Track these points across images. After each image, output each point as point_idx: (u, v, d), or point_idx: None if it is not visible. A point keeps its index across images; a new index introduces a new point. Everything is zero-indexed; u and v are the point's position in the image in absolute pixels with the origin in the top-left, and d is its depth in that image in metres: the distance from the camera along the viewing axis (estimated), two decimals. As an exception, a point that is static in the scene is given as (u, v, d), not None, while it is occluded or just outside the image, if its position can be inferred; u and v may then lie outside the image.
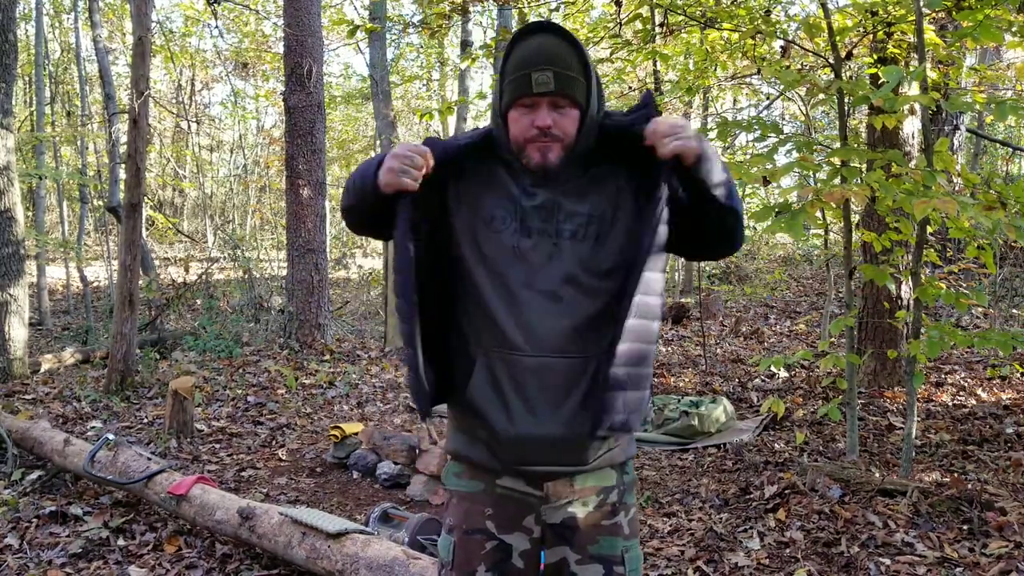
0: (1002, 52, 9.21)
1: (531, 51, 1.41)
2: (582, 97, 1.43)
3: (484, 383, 1.46)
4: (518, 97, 1.42)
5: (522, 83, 1.40)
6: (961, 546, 2.84)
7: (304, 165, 7.68)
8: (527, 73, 1.40)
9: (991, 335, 3.23)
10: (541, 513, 1.55)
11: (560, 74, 1.40)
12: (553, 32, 1.42)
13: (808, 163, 3.31)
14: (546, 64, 1.39)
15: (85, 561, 3.02)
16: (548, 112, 1.42)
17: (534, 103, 1.42)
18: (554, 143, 1.43)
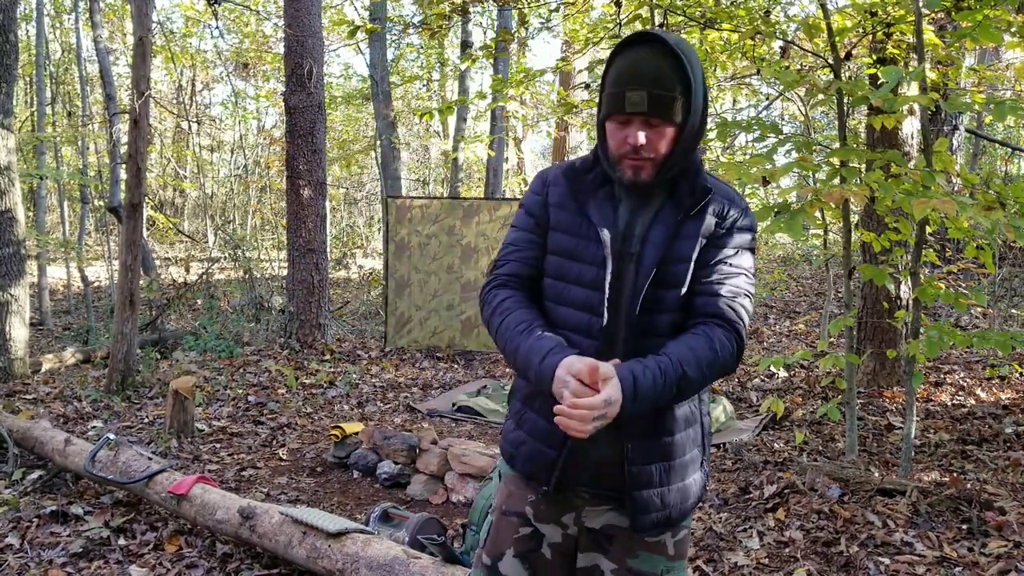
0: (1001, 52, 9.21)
1: (627, 67, 1.41)
2: (679, 115, 1.42)
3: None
4: (610, 113, 1.45)
5: (616, 101, 1.42)
6: (960, 545, 2.84)
7: (304, 165, 7.69)
8: (622, 92, 1.40)
9: (990, 335, 3.24)
10: (582, 514, 1.56)
11: (654, 95, 1.39)
12: (655, 44, 1.41)
13: (807, 163, 3.31)
14: (639, 84, 1.39)
15: (86, 560, 3.03)
16: (639, 128, 1.42)
17: (627, 120, 1.43)
18: (646, 162, 1.45)
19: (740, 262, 1.51)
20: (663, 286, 1.47)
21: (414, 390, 6.23)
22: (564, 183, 1.56)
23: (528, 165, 14.20)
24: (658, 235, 1.49)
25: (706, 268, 1.50)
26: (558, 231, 1.54)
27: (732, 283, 1.49)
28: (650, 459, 1.50)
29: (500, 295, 1.55)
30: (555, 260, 1.54)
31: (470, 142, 12.16)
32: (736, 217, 1.52)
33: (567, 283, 1.52)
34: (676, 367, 1.37)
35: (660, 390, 1.36)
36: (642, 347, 1.45)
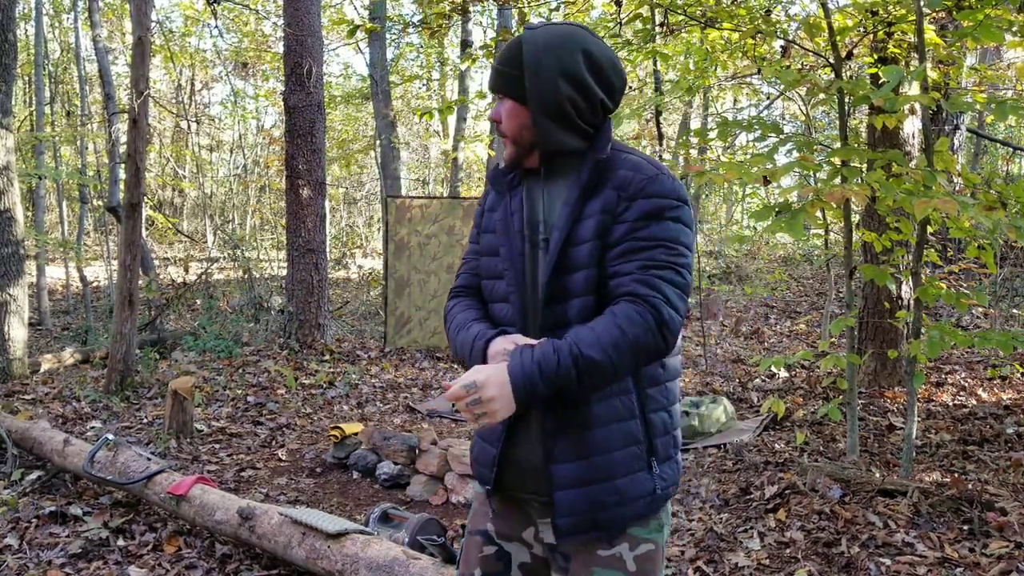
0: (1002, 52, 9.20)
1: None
2: (515, 91, 1.44)
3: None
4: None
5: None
6: (961, 546, 2.83)
7: (304, 165, 7.68)
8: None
9: (991, 335, 3.23)
10: (539, 528, 1.50)
11: (498, 71, 1.46)
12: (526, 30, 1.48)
13: (808, 163, 3.31)
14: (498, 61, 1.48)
15: (85, 561, 3.02)
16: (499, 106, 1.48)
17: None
18: (507, 141, 1.48)
19: (653, 232, 1.36)
20: (565, 271, 1.40)
21: (414, 390, 6.22)
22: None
23: (528, 165, 14.17)
24: (561, 216, 1.43)
25: (614, 248, 1.38)
26: (487, 232, 1.56)
27: (643, 257, 1.36)
28: (569, 457, 1.40)
29: (449, 306, 1.60)
30: (484, 261, 1.55)
31: (470, 142, 12.15)
32: (641, 185, 1.38)
33: (492, 279, 1.53)
34: (571, 347, 1.29)
35: (553, 373, 1.28)
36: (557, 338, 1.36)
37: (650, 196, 1.38)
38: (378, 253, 17.23)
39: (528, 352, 1.32)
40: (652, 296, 1.32)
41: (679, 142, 9.63)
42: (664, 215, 1.37)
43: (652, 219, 1.37)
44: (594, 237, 1.38)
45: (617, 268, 1.37)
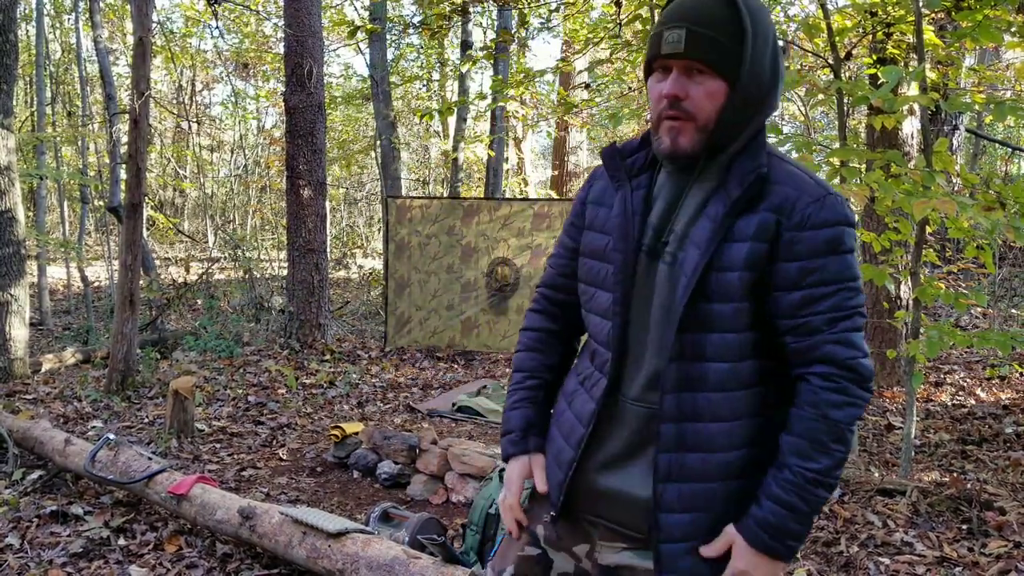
0: (1001, 52, 9.20)
1: (673, 5, 1.18)
2: (727, 65, 1.15)
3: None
4: (651, 60, 1.19)
5: (654, 42, 1.17)
6: (960, 546, 2.84)
7: (305, 165, 7.69)
8: (660, 32, 1.16)
9: (990, 335, 3.24)
10: (595, 548, 1.37)
11: (695, 32, 1.13)
12: None
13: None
14: (680, 19, 1.14)
15: (86, 561, 3.03)
16: (679, 78, 1.16)
17: (666, 67, 1.18)
18: (686, 123, 1.18)
19: (833, 273, 1.17)
20: (707, 299, 1.19)
21: (414, 390, 6.22)
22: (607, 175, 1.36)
23: (528, 165, 14.22)
24: (702, 233, 1.20)
25: (788, 293, 1.19)
26: (592, 230, 1.34)
27: (829, 306, 1.17)
28: (682, 506, 1.24)
29: (527, 319, 1.52)
30: (585, 263, 1.34)
31: (470, 142, 12.16)
32: (809, 210, 1.17)
33: (595, 287, 1.32)
34: (800, 476, 1.16)
35: (807, 516, 1.17)
36: (684, 374, 1.22)
37: (821, 226, 1.17)
38: (378, 253, 17.23)
39: (765, 514, 1.17)
40: (853, 359, 1.18)
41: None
42: (840, 248, 1.18)
43: (829, 255, 1.18)
44: (745, 267, 1.18)
45: (803, 323, 1.19)
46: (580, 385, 1.38)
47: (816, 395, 1.19)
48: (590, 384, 1.34)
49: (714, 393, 1.22)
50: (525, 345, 1.49)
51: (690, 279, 1.19)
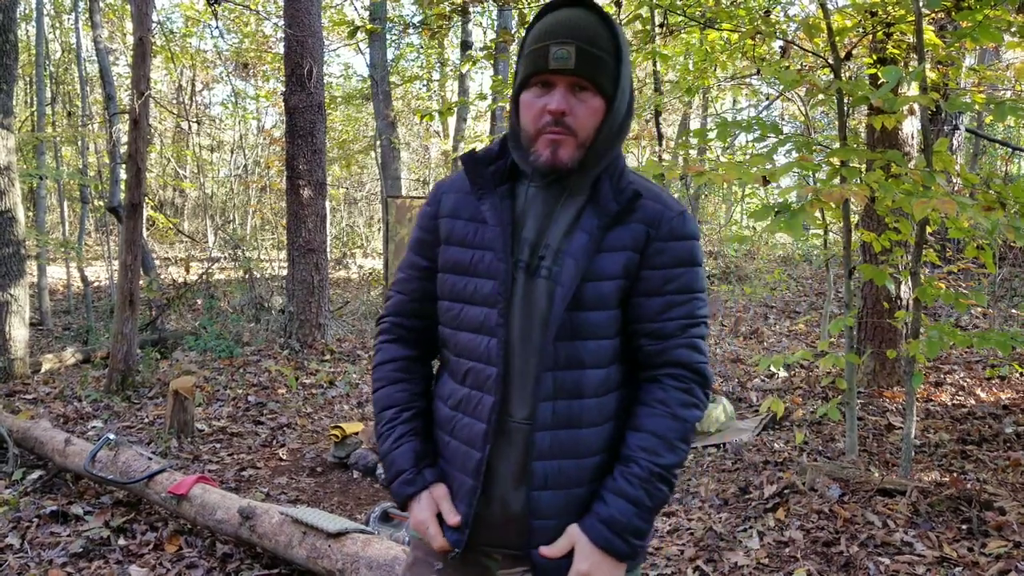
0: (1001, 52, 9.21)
1: (555, 22, 1.18)
2: (608, 85, 1.19)
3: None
4: (532, 74, 1.19)
5: (538, 57, 1.17)
6: (960, 546, 2.84)
7: (304, 165, 7.69)
8: (545, 45, 1.16)
9: (990, 335, 3.24)
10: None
11: (584, 51, 1.16)
12: (586, 7, 1.19)
13: (807, 163, 3.31)
14: (567, 37, 1.16)
15: (86, 560, 3.03)
16: (565, 95, 1.18)
17: (548, 82, 1.19)
18: (568, 137, 1.19)
19: (689, 283, 1.26)
20: (583, 307, 1.23)
21: (414, 390, 6.22)
22: (462, 188, 1.32)
23: (528, 165, 14.20)
24: (578, 245, 1.23)
25: (650, 299, 1.26)
26: (451, 244, 1.30)
27: (682, 313, 1.26)
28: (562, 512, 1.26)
29: (381, 353, 1.39)
30: (449, 279, 1.30)
31: (470, 142, 12.16)
32: (674, 224, 1.25)
33: (463, 303, 1.28)
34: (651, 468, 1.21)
35: (650, 511, 1.21)
36: (561, 383, 1.24)
37: (683, 238, 1.26)
38: (378, 253, 17.23)
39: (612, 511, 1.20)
40: (699, 363, 1.27)
41: (679, 142, 9.64)
42: (695, 261, 1.28)
43: (687, 266, 1.26)
44: (621, 276, 1.24)
45: (660, 327, 1.26)
46: (456, 410, 1.31)
47: (667, 394, 1.26)
48: (471, 406, 1.28)
49: (590, 399, 1.26)
50: (388, 379, 1.36)
51: (567, 290, 1.22)
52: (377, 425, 1.36)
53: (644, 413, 1.26)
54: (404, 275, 1.39)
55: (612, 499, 1.22)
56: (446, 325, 1.33)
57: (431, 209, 1.35)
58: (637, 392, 1.30)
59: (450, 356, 1.34)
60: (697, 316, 1.28)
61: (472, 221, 1.29)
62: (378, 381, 1.38)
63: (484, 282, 1.26)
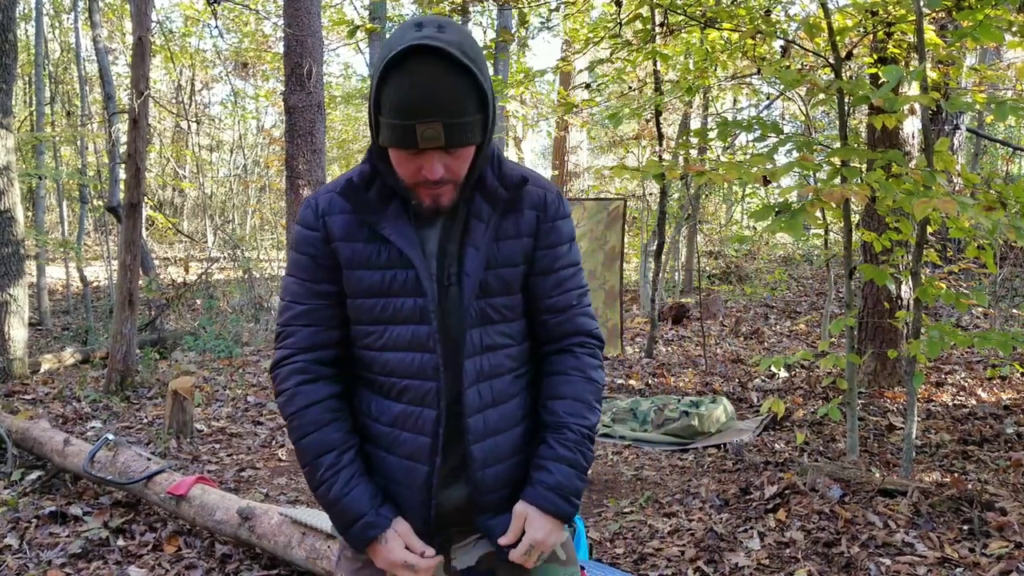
0: (1002, 52, 9.20)
1: (415, 95, 1.12)
2: (477, 136, 1.20)
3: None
4: (397, 147, 1.19)
5: (403, 135, 1.15)
6: (961, 546, 2.83)
7: (304, 165, 7.68)
8: (411, 125, 1.14)
9: (991, 335, 3.23)
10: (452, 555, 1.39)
11: (451, 125, 1.14)
12: (443, 58, 1.12)
13: (808, 163, 3.31)
14: (434, 115, 1.13)
15: (85, 561, 3.02)
16: (438, 160, 1.19)
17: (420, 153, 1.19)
18: (446, 188, 1.23)
19: (573, 256, 1.39)
20: (491, 294, 1.30)
21: (414, 390, 6.22)
22: (344, 208, 1.29)
23: (528, 165, 14.23)
24: (477, 239, 1.28)
25: (546, 277, 1.35)
26: (356, 268, 1.28)
27: (573, 285, 1.38)
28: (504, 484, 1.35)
29: (300, 397, 1.29)
30: (363, 303, 1.29)
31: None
32: (557, 203, 1.35)
33: (383, 324, 1.28)
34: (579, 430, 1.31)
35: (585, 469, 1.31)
36: (481, 367, 1.30)
37: (565, 216, 1.38)
38: (378, 253, 17.19)
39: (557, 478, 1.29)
40: (596, 328, 1.41)
41: (679, 142, 9.63)
42: (573, 236, 1.40)
43: (569, 241, 1.39)
44: (521, 263, 1.33)
45: (557, 301, 1.37)
46: (393, 427, 1.31)
47: (579, 360, 1.37)
48: (410, 422, 1.30)
49: (507, 376, 1.35)
50: (317, 423, 1.28)
51: (474, 280, 1.28)
52: (314, 473, 1.28)
53: (563, 382, 1.35)
54: (308, 305, 1.30)
55: (555, 467, 1.30)
56: (366, 348, 1.31)
57: (318, 234, 1.29)
58: (545, 364, 1.39)
59: (374, 376, 1.32)
60: (583, 286, 1.41)
61: (371, 242, 1.28)
62: (304, 428, 1.28)
63: (403, 301, 1.27)
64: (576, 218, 7.55)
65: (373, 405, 1.33)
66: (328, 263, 1.29)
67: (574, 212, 7.59)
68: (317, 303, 1.31)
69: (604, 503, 3.71)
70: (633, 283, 12.32)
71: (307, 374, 1.30)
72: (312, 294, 1.31)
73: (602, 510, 3.60)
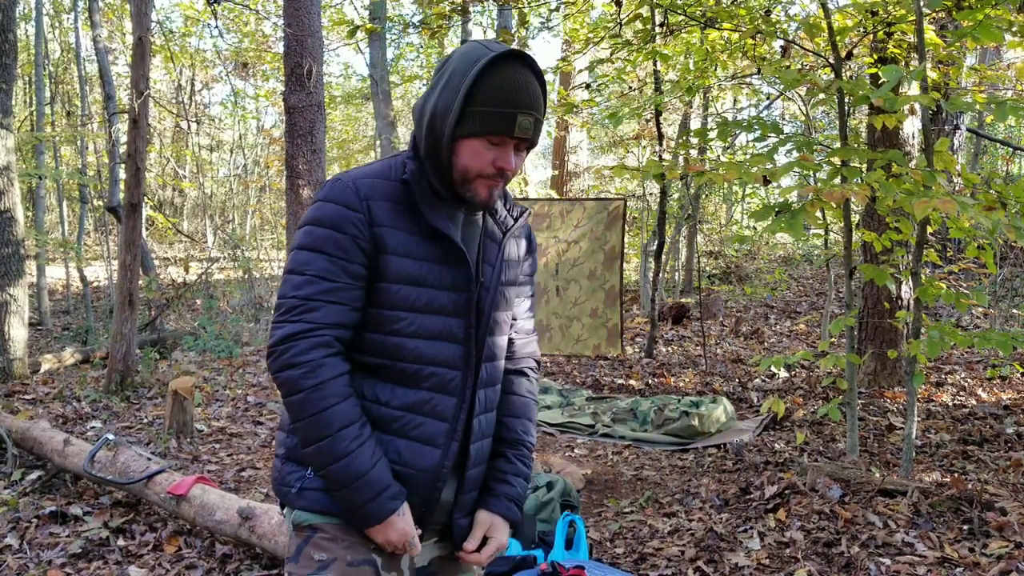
0: (1002, 52, 9.20)
1: (518, 89, 1.27)
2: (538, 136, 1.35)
3: None
4: (492, 133, 1.28)
5: (504, 122, 1.27)
6: (961, 546, 2.83)
7: (304, 165, 7.68)
8: (513, 114, 1.27)
9: (991, 335, 3.23)
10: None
11: (539, 122, 1.31)
12: (530, 66, 1.30)
13: (808, 163, 3.31)
14: (532, 109, 1.28)
15: (85, 561, 3.02)
16: (514, 154, 1.32)
17: (503, 142, 1.30)
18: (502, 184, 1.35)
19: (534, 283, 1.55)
20: (497, 308, 1.42)
21: (414, 390, 6.22)
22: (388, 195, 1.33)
23: (528, 165, 14.22)
24: (491, 253, 1.42)
25: (523, 301, 1.52)
26: (398, 255, 1.31)
27: (534, 311, 1.56)
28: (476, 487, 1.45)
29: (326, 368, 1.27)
30: (401, 289, 1.31)
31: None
32: (534, 236, 1.54)
33: (416, 312, 1.33)
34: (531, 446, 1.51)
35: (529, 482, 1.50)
36: (488, 374, 1.43)
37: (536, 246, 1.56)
38: (378, 253, 17.18)
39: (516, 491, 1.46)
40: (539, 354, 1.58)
41: (679, 142, 9.63)
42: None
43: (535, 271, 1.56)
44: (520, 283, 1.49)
45: (525, 323, 1.53)
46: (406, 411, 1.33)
47: (532, 384, 1.54)
48: (427, 407, 1.34)
49: (496, 386, 1.47)
50: (342, 394, 1.28)
51: (493, 291, 1.40)
52: (335, 444, 1.26)
53: (519, 402, 1.51)
54: (339, 284, 1.29)
55: (515, 480, 1.46)
56: (392, 334, 1.33)
57: (361, 216, 1.30)
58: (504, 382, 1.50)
59: (392, 362, 1.33)
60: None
61: (413, 234, 1.33)
62: (331, 398, 1.27)
63: (439, 293, 1.34)
64: (576, 218, 7.55)
65: (378, 390, 1.34)
66: (366, 246, 1.30)
67: (574, 212, 7.60)
68: (348, 283, 1.30)
69: (604, 503, 3.71)
70: (633, 283, 12.32)
71: (331, 348, 1.29)
72: (345, 273, 1.29)
73: (602, 510, 3.60)
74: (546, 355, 7.53)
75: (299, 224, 1.34)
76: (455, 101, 1.27)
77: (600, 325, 7.40)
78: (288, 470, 1.36)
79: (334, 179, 1.35)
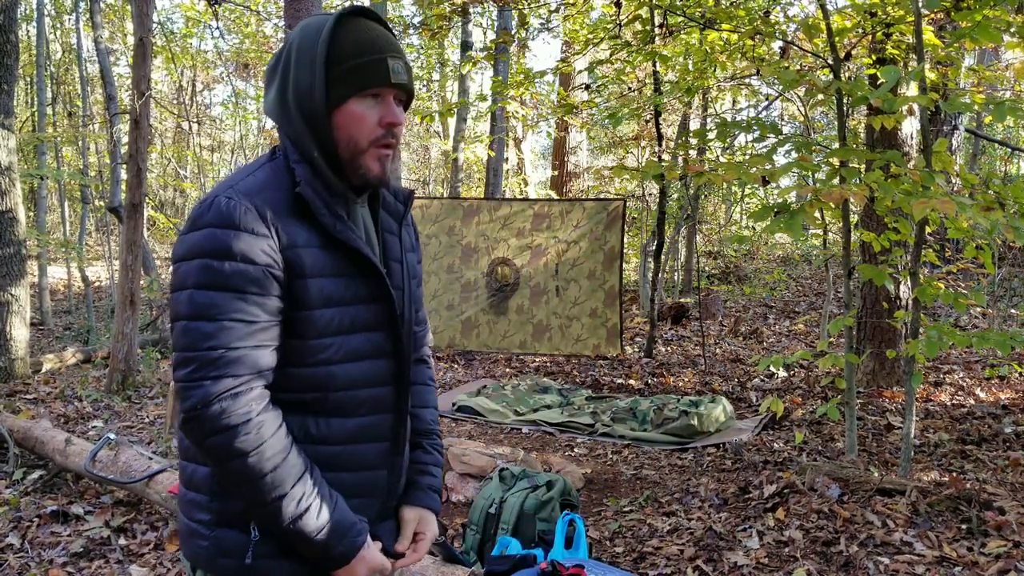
0: (1001, 53, 9.21)
1: (377, 35, 1.16)
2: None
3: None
4: (368, 86, 1.15)
5: (376, 70, 1.14)
6: (960, 545, 2.84)
7: (305, 165, 7.69)
8: (383, 58, 1.14)
9: (989, 335, 3.24)
10: None
11: (409, 68, 1.19)
12: (377, 19, 1.19)
13: (807, 163, 3.32)
14: (400, 53, 1.17)
15: (86, 560, 3.04)
16: (397, 105, 1.19)
17: (382, 95, 1.16)
18: (394, 151, 1.19)
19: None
20: (416, 307, 1.38)
21: (414, 390, 6.23)
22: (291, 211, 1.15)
23: (528, 165, 14.22)
24: (393, 247, 1.30)
25: (418, 289, 1.43)
26: (316, 277, 1.15)
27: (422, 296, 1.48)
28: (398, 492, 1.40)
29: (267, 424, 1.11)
30: (323, 314, 1.16)
31: (470, 142, 12.16)
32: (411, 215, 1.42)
33: (341, 335, 1.19)
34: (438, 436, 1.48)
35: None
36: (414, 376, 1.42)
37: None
38: (378, 253, 17.20)
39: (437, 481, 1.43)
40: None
41: (678, 143, 9.64)
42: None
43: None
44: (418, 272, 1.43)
45: (422, 312, 1.44)
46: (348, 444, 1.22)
47: (431, 372, 1.50)
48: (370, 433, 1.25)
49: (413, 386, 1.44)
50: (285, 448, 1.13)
51: (405, 291, 1.30)
52: (290, 503, 1.12)
53: (427, 391, 1.47)
54: (255, 324, 1.10)
55: (435, 470, 1.44)
56: (322, 364, 1.18)
57: (271, 241, 1.11)
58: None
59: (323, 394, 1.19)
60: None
61: (326, 248, 1.17)
62: (276, 456, 1.11)
63: (359, 308, 1.20)
64: (576, 218, 7.57)
65: (311, 427, 1.19)
66: (279, 275, 1.12)
67: (574, 212, 7.61)
68: (267, 321, 1.12)
69: (604, 502, 3.72)
70: (633, 283, 12.33)
71: (263, 400, 1.12)
72: (262, 310, 1.11)
73: (602, 509, 3.61)
74: (546, 355, 7.54)
75: (180, 257, 1.11)
76: (316, 71, 1.14)
77: (600, 325, 7.42)
78: (226, 538, 1.17)
79: (218, 197, 1.11)
